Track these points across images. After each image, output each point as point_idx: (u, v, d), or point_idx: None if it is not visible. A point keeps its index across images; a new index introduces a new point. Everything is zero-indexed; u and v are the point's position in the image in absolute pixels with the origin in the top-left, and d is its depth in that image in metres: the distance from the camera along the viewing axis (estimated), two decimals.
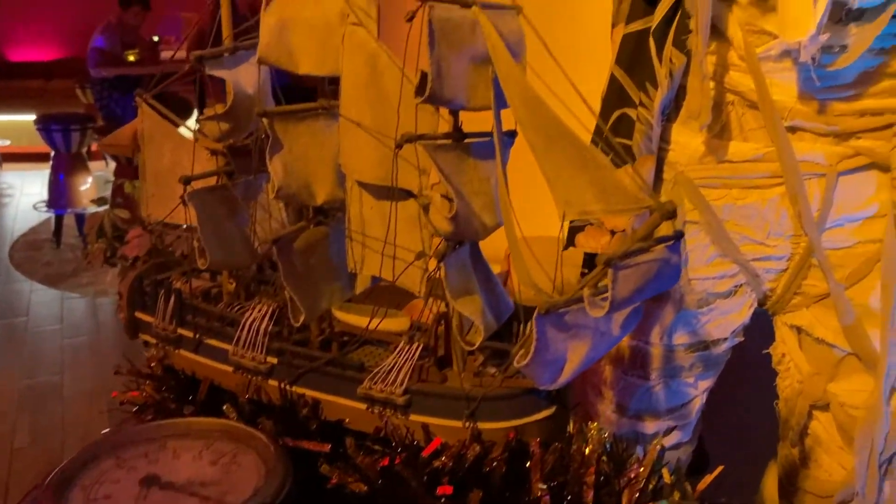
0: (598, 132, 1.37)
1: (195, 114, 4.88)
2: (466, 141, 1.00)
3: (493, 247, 1.13)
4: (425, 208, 1.03)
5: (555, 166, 0.84)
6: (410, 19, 0.84)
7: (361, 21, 1.01)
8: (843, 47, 1.21)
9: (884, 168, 1.28)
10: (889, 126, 1.27)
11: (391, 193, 1.06)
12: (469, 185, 0.99)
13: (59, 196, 5.44)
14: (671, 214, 0.84)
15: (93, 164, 5.68)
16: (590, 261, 1.44)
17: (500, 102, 0.93)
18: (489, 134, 0.97)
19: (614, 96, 1.35)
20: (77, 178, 5.42)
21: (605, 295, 0.86)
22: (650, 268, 0.88)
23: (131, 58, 5.69)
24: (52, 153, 5.46)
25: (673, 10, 1.28)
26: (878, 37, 1.20)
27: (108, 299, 4.48)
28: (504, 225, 0.97)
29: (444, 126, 1.01)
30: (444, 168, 0.96)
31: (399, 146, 0.98)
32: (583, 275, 1.47)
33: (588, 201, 0.84)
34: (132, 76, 5.60)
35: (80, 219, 5.39)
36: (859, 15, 1.18)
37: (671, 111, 1.36)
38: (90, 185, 5.47)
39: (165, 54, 6.88)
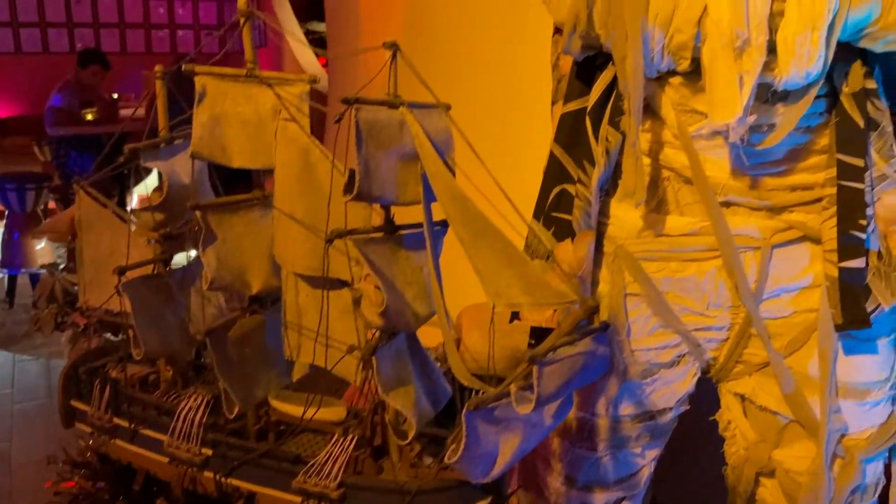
0: (538, 208, 1.39)
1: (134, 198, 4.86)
2: (399, 233, 1.01)
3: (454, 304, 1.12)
4: (356, 301, 1.03)
5: (483, 260, 0.86)
6: (338, 121, 0.85)
7: (294, 116, 1.03)
8: (772, 126, 1.25)
9: (816, 240, 1.32)
10: (819, 200, 1.31)
11: (326, 283, 1.07)
12: (402, 276, 0.99)
13: (12, 256, 5.35)
14: (594, 310, 0.86)
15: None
16: (536, 333, 1.45)
17: (430, 196, 0.94)
18: (422, 225, 0.99)
19: (554, 173, 1.38)
20: (31, 238, 5.34)
21: (531, 391, 0.86)
22: (576, 361, 0.89)
23: (89, 116, 5.67)
24: (6, 212, 5.38)
25: (608, 91, 1.32)
26: (804, 116, 1.25)
27: (62, 361, 4.38)
28: (437, 314, 0.97)
29: (377, 218, 1.02)
30: (376, 261, 0.97)
31: (329, 241, 0.99)
32: (531, 345, 1.47)
33: (515, 294, 0.85)
34: (90, 134, 5.58)
35: (35, 279, 5.30)
36: (785, 95, 1.23)
37: (610, 186, 1.39)
38: (45, 245, 5.39)
39: (124, 112, 6.86)
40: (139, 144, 1.14)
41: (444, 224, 0.99)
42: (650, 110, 1.32)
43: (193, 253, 1.27)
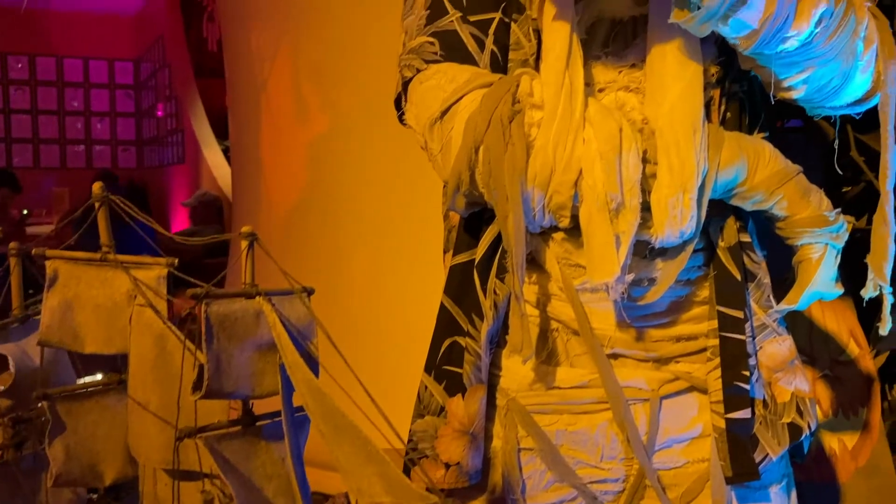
0: (430, 361, 1.37)
1: None
2: (258, 423, 0.97)
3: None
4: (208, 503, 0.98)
5: (344, 454, 0.82)
6: (185, 319, 0.82)
7: (150, 301, 1.00)
8: (652, 280, 1.28)
9: (702, 390, 1.33)
10: (703, 350, 1.33)
11: (180, 477, 1.01)
12: (261, 470, 0.95)
13: None
14: None
15: None
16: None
17: (289, 387, 0.91)
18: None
19: (445, 325, 1.37)
20: None
21: None
22: None
23: None
24: None
25: (495, 244, 1.33)
26: (684, 269, 1.28)
27: None
28: None
29: (234, 413, 0.98)
30: (230, 458, 0.92)
31: (179, 439, 0.94)
32: None
33: (378, 493, 0.82)
34: None
35: None
36: (663, 251, 1.26)
37: (501, 337, 1.38)
38: None
39: (33, 230, 6.70)
40: None
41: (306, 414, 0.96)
42: (536, 263, 1.33)
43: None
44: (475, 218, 1.35)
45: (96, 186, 1.03)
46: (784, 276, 1.37)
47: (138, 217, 1.02)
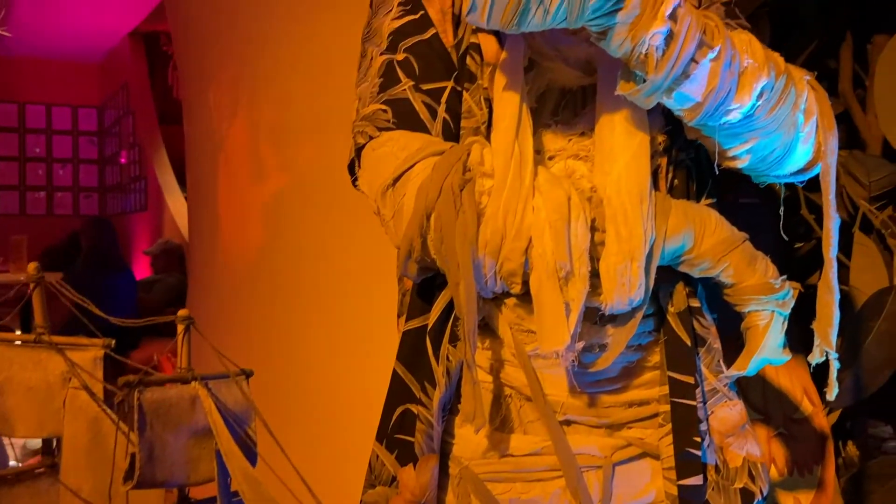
0: (382, 429, 1.36)
1: None
2: None
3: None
4: None
5: None
6: (119, 402, 0.81)
7: (87, 384, 0.98)
8: (603, 346, 1.29)
9: (655, 456, 1.33)
10: (655, 415, 1.33)
11: None
12: None
13: None
14: None
15: None
16: None
17: (225, 473, 0.90)
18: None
19: (397, 392, 1.36)
20: None
21: None
22: None
23: None
24: None
25: (448, 310, 1.33)
26: (635, 335, 1.29)
27: None
28: None
29: (171, 497, 0.96)
30: None
31: None
32: None
33: None
34: None
35: None
36: (613, 317, 1.27)
37: (454, 405, 1.37)
38: None
39: None
40: None
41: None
42: (489, 329, 1.33)
43: None
44: (428, 283, 1.35)
45: (31, 267, 1.01)
46: (735, 333, 1.39)
47: (76, 300, 1.00)
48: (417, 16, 1.36)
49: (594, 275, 1.22)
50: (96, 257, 6.34)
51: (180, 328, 0.92)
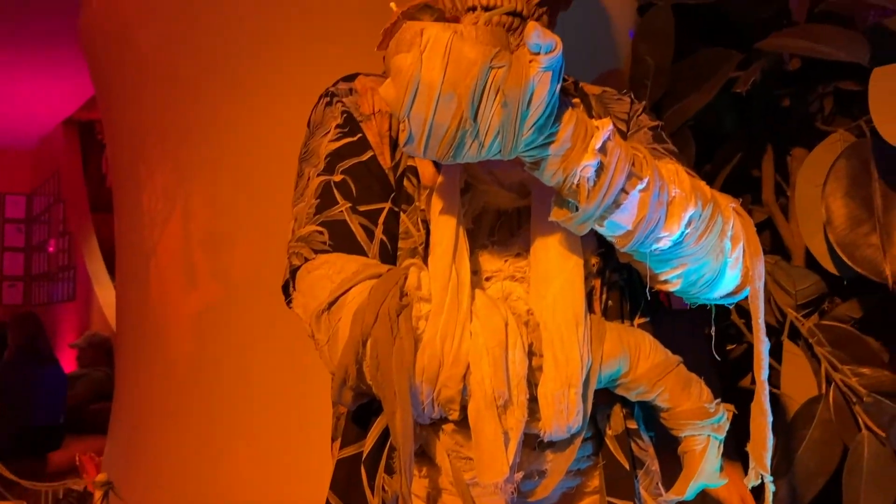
0: None
1: None
2: None
3: None
4: None
5: None
6: None
7: None
8: (542, 473, 1.27)
9: None
10: None
11: None
12: None
13: None
14: None
15: None
16: None
17: None
18: None
19: None
20: None
21: None
22: None
23: None
24: None
25: (384, 437, 1.30)
26: (574, 460, 1.27)
27: None
28: None
29: None
30: None
31: None
32: None
33: None
34: None
35: None
36: (552, 443, 1.26)
37: None
38: None
39: None
40: None
41: None
42: (426, 456, 1.30)
43: None
44: (364, 407, 1.32)
45: None
46: (673, 450, 1.38)
47: None
48: (355, 138, 1.37)
49: (532, 400, 1.21)
50: (24, 351, 6.13)
51: (98, 494, 0.86)
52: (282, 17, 1.90)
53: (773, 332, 2.20)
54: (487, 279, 1.33)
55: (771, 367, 2.13)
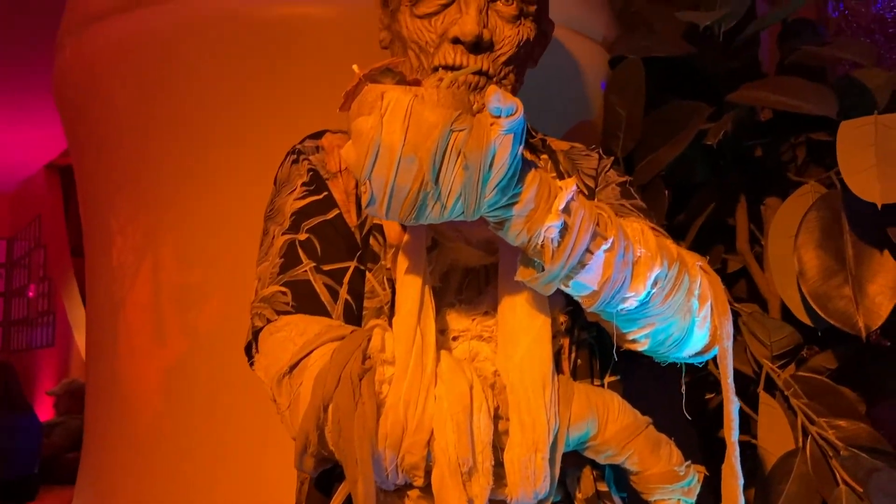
0: None
1: None
2: None
3: None
4: None
5: None
6: None
7: None
8: None
9: None
10: None
11: None
12: None
13: None
14: None
15: None
16: None
17: None
18: None
19: None
20: None
21: None
22: None
23: None
24: None
25: (348, 503, 1.26)
26: None
27: None
28: None
29: None
30: None
31: None
32: None
33: None
34: None
35: None
36: None
37: None
38: None
39: None
40: None
41: None
42: None
43: None
44: (327, 472, 1.29)
45: None
46: None
47: None
48: (321, 196, 1.36)
49: (498, 465, 1.18)
50: None
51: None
52: (253, 75, 1.90)
53: (749, 383, 2.18)
54: (455, 339, 1.31)
55: (747, 417, 2.12)
